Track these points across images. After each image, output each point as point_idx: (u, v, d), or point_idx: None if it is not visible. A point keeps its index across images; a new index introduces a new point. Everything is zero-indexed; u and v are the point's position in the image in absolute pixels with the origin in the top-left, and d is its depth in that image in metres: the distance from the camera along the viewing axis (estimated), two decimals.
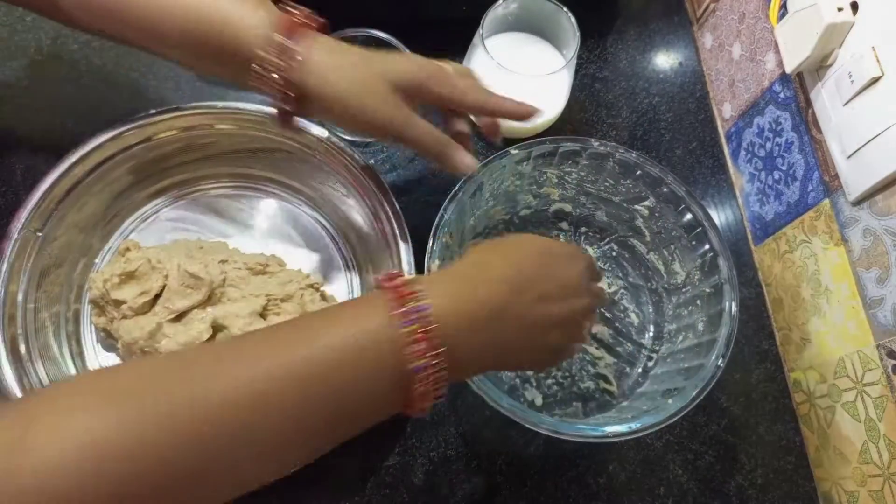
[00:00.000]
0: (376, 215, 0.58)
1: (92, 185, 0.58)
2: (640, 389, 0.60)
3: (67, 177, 0.56)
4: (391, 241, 0.57)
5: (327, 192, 0.64)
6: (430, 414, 0.60)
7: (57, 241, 0.57)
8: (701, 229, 0.57)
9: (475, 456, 0.59)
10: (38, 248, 0.56)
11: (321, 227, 0.65)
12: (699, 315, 0.57)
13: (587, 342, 0.50)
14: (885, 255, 0.52)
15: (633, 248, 0.65)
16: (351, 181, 0.60)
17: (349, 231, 0.64)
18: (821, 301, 0.60)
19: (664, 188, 0.58)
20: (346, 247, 0.64)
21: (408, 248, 0.56)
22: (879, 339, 0.53)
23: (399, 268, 0.56)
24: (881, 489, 0.54)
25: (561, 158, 0.59)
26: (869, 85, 0.50)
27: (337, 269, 0.64)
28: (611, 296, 0.65)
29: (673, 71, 0.77)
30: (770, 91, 0.65)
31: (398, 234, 0.57)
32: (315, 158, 0.61)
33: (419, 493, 0.58)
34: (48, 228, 0.56)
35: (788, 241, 0.64)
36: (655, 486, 0.60)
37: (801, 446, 0.63)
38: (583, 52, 0.75)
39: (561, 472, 0.60)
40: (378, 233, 0.58)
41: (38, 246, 0.56)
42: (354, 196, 0.60)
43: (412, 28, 0.68)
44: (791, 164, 0.63)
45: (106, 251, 0.62)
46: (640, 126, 0.74)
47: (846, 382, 0.57)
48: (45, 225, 0.56)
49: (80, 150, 0.56)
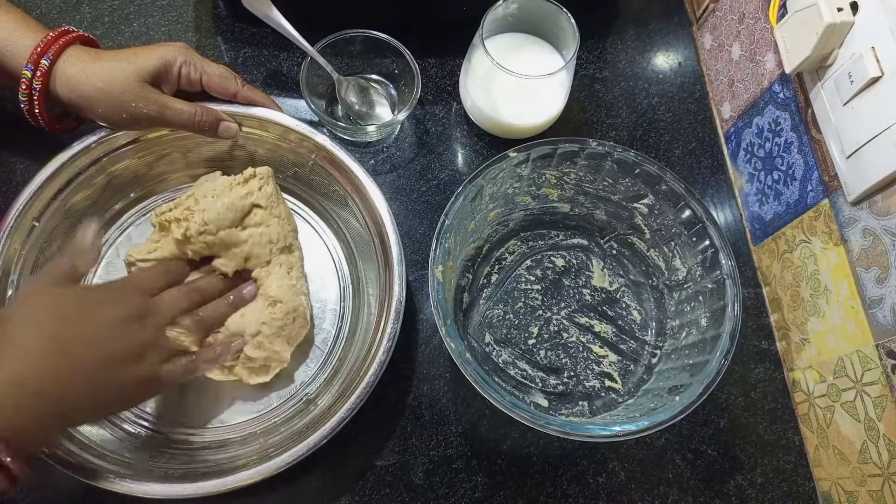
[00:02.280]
0: (373, 221, 0.59)
1: (93, 177, 0.59)
2: (645, 387, 0.60)
3: (68, 168, 0.57)
4: (384, 250, 0.58)
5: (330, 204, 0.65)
6: (431, 413, 0.60)
7: (54, 232, 0.58)
8: (701, 226, 0.57)
9: (475, 455, 0.59)
10: (34, 237, 0.56)
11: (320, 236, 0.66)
12: (702, 311, 0.57)
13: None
14: (885, 254, 0.52)
15: (633, 245, 0.65)
16: (350, 190, 0.60)
17: (346, 237, 0.65)
18: (820, 301, 0.60)
19: (663, 185, 0.58)
20: (342, 249, 0.65)
21: (400, 260, 0.57)
22: (879, 338, 0.53)
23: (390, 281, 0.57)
24: (881, 489, 0.54)
25: (559, 159, 0.60)
26: (868, 85, 0.50)
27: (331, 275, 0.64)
28: (612, 294, 0.65)
29: (672, 71, 0.77)
30: (769, 91, 0.65)
31: (392, 247, 0.57)
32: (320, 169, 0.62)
33: (419, 493, 0.58)
34: (45, 218, 0.57)
35: (788, 241, 0.64)
36: (655, 486, 0.60)
37: (801, 446, 0.63)
38: (582, 52, 0.75)
39: (561, 471, 0.60)
40: (373, 244, 0.59)
41: (35, 236, 0.56)
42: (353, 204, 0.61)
43: (412, 28, 0.69)
44: (790, 164, 0.63)
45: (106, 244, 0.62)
46: (640, 126, 0.74)
47: (845, 382, 0.57)
48: (43, 214, 0.56)
49: (79, 144, 0.57)
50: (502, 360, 0.62)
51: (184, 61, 0.57)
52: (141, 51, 0.56)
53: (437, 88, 0.72)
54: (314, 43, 0.65)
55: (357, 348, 0.59)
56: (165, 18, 0.72)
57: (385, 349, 0.54)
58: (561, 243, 0.67)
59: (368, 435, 0.59)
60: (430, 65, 0.73)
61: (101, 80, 0.54)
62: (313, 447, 0.51)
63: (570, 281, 0.65)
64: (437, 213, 0.57)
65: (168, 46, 0.57)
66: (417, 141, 0.70)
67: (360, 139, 0.69)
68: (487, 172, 0.56)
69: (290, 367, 0.59)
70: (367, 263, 0.61)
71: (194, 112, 0.57)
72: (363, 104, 0.69)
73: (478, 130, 0.71)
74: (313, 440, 0.51)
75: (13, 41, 0.53)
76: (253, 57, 0.71)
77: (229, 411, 0.58)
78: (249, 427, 0.58)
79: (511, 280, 0.65)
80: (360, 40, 0.67)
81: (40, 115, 0.56)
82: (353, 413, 0.52)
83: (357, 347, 0.59)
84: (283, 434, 0.55)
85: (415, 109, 0.69)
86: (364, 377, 0.53)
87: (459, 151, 0.71)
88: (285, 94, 0.70)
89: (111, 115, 0.56)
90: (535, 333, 0.63)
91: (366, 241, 0.60)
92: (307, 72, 0.64)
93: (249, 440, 0.56)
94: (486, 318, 0.63)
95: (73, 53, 0.54)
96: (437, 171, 0.69)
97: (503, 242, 0.66)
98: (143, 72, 0.55)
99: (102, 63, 0.54)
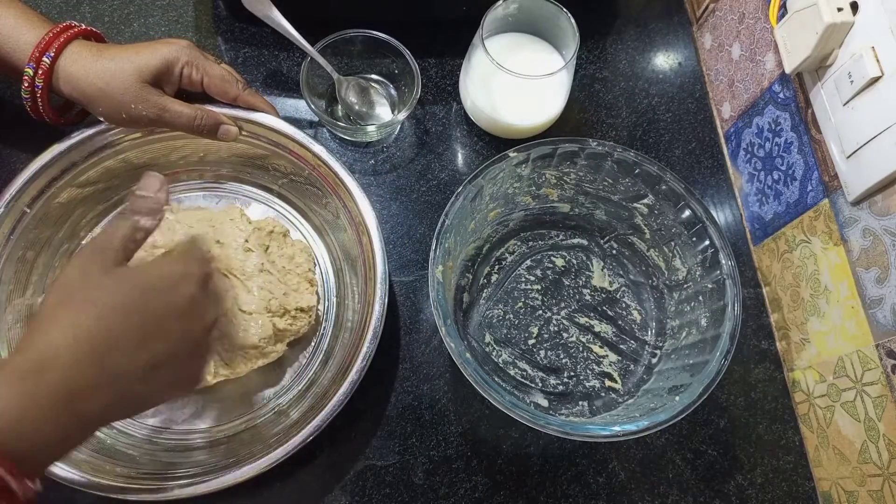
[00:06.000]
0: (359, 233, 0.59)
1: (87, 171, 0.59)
2: (645, 386, 0.60)
3: (63, 158, 0.57)
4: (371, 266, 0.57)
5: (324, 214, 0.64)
6: (431, 413, 0.60)
7: (43, 221, 0.58)
8: (701, 226, 0.57)
9: (475, 455, 0.59)
10: (24, 224, 0.56)
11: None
12: (702, 311, 0.57)
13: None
14: (885, 254, 0.52)
15: (633, 245, 0.65)
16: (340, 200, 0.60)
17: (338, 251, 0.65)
18: (820, 301, 0.60)
19: (663, 185, 0.58)
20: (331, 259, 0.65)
21: (384, 279, 0.56)
22: (879, 338, 0.53)
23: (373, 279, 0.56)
24: (881, 489, 0.54)
25: (559, 159, 0.60)
26: (868, 85, 0.50)
27: None
28: (612, 294, 0.65)
29: (672, 71, 0.77)
30: (769, 91, 0.65)
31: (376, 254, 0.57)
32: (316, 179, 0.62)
33: (419, 493, 0.58)
34: (37, 206, 0.57)
35: (788, 241, 0.64)
36: (655, 485, 0.60)
37: (801, 446, 0.63)
38: (582, 52, 0.75)
39: (561, 471, 0.60)
40: (360, 260, 0.59)
41: (26, 222, 0.56)
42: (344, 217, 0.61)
43: (412, 28, 0.69)
44: (790, 164, 0.63)
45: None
46: (640, 126, 0.74)
47: (845, 382, 0.57)
48: (35, 202, 0.56)
49: (76, 136, 0.57)
50: (502, 360, 0.62)
51: (186, 61, 0.56)
52: (143, 49, 0.55)
53: (437, 88, 0.72)
54: (314, 43, 0.65)
55: (336, 363, 0.58)
56: (165, 18, 0.72)
57: (358, 369, 0.53)
58: (561, 243, 0.67)
59: (368, 435, 0.59)
60: (430, 65, 0.73)
61: (101, 80, 0.54)
62: (280, 458, 0.51)
63: (570, 281, 0.65)
64: (437, 213, 0.57)
65: (172, 45, 0.56)
66: (417, 141, 0.70)
67: (360, 139, 0.69)
68: (487, 172, 0.56)
69: (260, 380, 0.59)
70: (353, 278, 0.61)
71: (194, 115, 0.57)
72: (363, 104, 0.69)
73: (478, 130, 0.71)
74: (282, 451, 0.51)
75: (15, 37, 0.53)
76: (253, 57, 0.71)
77: (205, 417, 0.58)
78: (217, 434, 0.57)
79: (511, 280, 0.65)
80: (360, 40, 0.67)
81: (44, 112, 0.56)
82: (321, 429, 0.51)
83: (336, 362, 0.58)
84: (249, 443, 0.55)
85: (415, 109, 0.69)
86: (334, 395, 0.52)
87: (459, 151, 0.71)
88: (285, 94, 0.70)
89: (111, 115, 0.56)
90: (535, 333, 0.63)
91: (354, 255, 0.60)
92: (307, 72, 0.64)
93: (214, 445, 0.56)
94: (486, 318, 0.63)
95: (76, 50, 0.54)
96: (437, 171, 0.69)
97: (503, 242, 0.66)
98: (144, 71, 0.54)
99: (104, 61, 0.54)
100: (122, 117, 0.55)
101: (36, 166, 0.56)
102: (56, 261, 0.60)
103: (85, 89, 0.54)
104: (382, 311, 0.55)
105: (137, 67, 0.54)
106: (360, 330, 0.56)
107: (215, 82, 0.58)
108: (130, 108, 0.55)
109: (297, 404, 0.57)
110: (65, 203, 0.59)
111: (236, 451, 0.54)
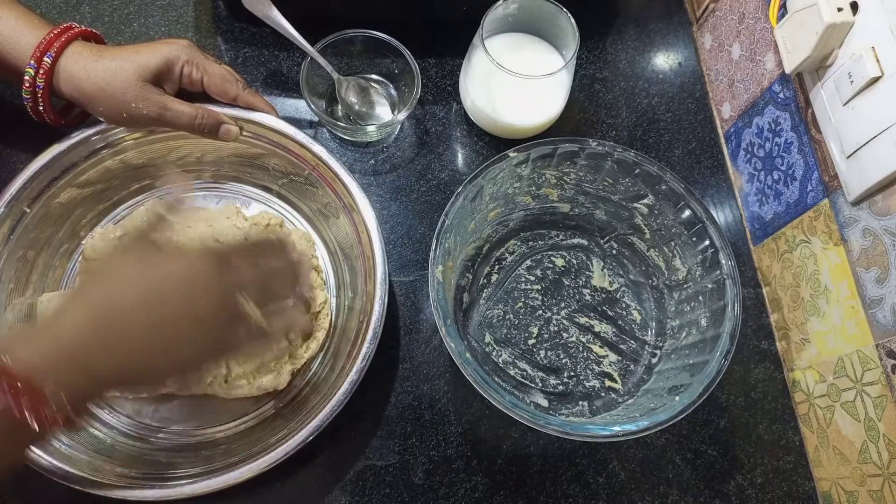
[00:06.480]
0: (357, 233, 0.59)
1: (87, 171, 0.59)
2: (645, 386, 0.60)
3: (63, 158, 0.57)
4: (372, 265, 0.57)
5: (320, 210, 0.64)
6: (431, 413, 0.60)
7: (43, 221, 0.58)
8: (701, 226, 0.57)
9: (475, 455, 0.59)
10: (24, 224, 0.56)
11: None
12: (702, 311, 0.57)
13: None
14: (885, 254, 0.52)
15: (633, 245, 0.65)
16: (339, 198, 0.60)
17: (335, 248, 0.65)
18: (820, 301, 0.60)
19: (663, 185, 0.58)
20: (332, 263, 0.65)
21: (384, 280, 0.56)
22: (879, 338, 0.53)
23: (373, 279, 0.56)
24: (881, 489, 0.54)
25: (559, 159, 0.60)
26: (868, 85, 0.50)
27: None
28: (612, 294, 0.65)
29: (672, 71, 0.77)
30: (769, 91, 0.65)
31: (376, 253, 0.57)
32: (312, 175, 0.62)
33: (419, 493, 0.58)
34: (37, 206, 0.57)
35: (788, 241, 0.64)
36: (655, 485, 0.60)
37: (801, 446, 0.63)
38: (582, 52, 0.75)
39: (561, 471, 0.60)
40: (360, 260, 0.59)
41: (26, 222, 0.56)
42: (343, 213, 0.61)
43: (412, 28, 0.69)
44: (790, 164, 0.63)
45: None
46: (640, 126, 0.74)
47: (845, 382, 0.57)
48: (35, 202, 0.56)
49: (76, 136, 0.58)
50: (502, 360, 0.62)
51: (186, 60, 0.56)
52: (144, 48, 0.56)
53: (437, 88, 0.72)
54: (314, 43, 0.65)
55: (335, 362, 0.58)
56: (165, 18, 0.72)
57: (358, 369, 0.53)
58: (561, 243, 0.67)
59: (368, 435, 0.59)
60: (430, 65, 0.73)
61: (102, 80, 0.54)
62: (280, 458, 0.51)
63: (570, 281, 0.65)
64: (437, 213, 0.57)
65: (172, 44, 0.56)
66: (417, 141, 0.70)
67: (360, 139, 0.69)
68: (487, 172, 0.56)
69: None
70: (353, 278, 0.61)
71: (195, 114, 0.57)
72: (363, 104, 0.69)
73: (478, 130, 0.71)
74: (282, 451, 0.51)
75: (16, 38, 0.53)
76: (253, 57, 0.71)
77: (204, 417, 0.58)
78: (217, 434, 0.57)
79: (511, 280, 0.65)
80: (360, 40, 0.67)
81: (45, 113, 0.56)
82: (321, 429, 0.51)
83: (336, 361, 0.58)
84: (249, 443, 0.55)
85: (415, 109, 0.69)
86: (334, 396, 0.52)
87: (459, 151, 0.71)
88: (285, 94, 0.70)
89: (112, 114, 0.56)
90: (535, 333, 0.63)
91: (353, 256, 0.60)
92: (307, 72, 0.64)
93: (214, 445, 0.56)
94: (486, 318, 0.63)
95: (77, 50, 0.54)
96: (437, 171, 0.69)
97: (503, 242, 0.66)
98: (144, 71, 0.54)
99: (105, 61, 0.54)
100: (122, 117, 0.56)
101: (36, 166, 0.56)
102: (56, 260, 0.60)
103: (86, 89, 0.54)
104: (382, 312, 0.55)
105: (138, 66, 0.54)
106: (359, 330, 0.56)
107: (215, 81, 0.58)
108: (131, 107, 0.55)
109: (297, 404, 0.57)
110: (65, 203, 0.59)
111: (236, 451, 0.54)
